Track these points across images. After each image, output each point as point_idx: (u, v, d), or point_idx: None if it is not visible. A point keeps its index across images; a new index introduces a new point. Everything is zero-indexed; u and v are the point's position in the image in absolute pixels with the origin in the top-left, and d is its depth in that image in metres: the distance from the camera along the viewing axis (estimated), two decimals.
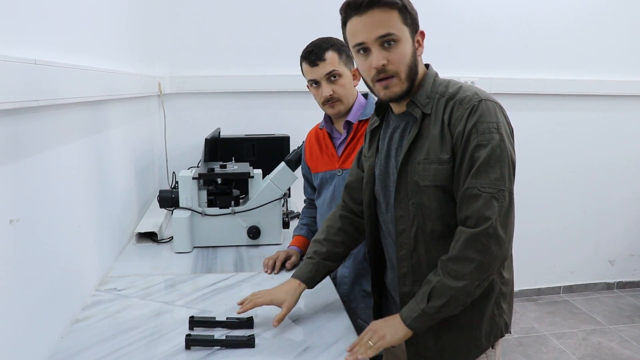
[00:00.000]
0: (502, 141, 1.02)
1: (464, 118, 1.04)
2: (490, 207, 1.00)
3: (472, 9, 3.01)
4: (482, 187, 1.01)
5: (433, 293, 1.04)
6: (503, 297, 1.15)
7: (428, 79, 1.13)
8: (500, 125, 1.04)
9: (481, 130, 1.02)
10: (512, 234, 1.03)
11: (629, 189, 3.42)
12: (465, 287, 1.02)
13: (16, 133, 0.96)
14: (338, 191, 1.57)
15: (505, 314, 1.16)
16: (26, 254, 0.99)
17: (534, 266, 3.39)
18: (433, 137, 1.08)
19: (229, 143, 2.42)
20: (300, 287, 1.27)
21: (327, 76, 1.51)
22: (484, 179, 1.01)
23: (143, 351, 1.09)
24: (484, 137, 1.02)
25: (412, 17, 1.08)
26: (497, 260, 1.02)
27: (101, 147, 1.55)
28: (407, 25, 1.06)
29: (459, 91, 1.08)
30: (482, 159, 1.01)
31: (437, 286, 1.04)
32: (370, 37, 1.05)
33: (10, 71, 0.88)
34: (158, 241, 1.87)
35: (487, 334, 1.14)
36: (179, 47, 2.73)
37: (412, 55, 1.08)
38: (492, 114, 1.04)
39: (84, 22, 1.44)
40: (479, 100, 1.05)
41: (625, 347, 2.78)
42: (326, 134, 1.63)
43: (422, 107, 1.10)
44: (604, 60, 3.21)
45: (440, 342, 1.14)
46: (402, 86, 1.08)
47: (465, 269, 1.01)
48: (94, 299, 1.37)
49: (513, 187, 1.03)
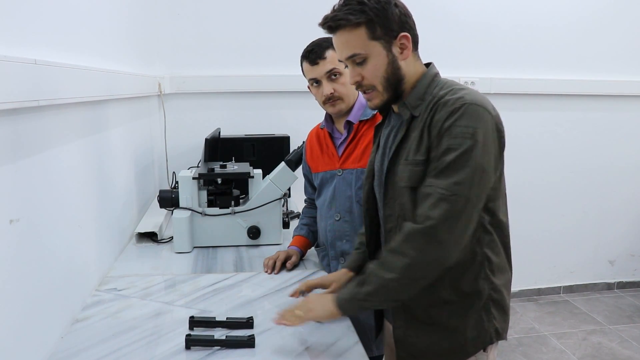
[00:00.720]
0: (473, 147, 0.99)
1: (441, 120, 1.02)
2: (436, 208, 0.98)
3: (472, 9, 3.01)
4: (437, 187, 1.00)
5: (365, 279, 1.05)
6: (494, 303, 1.11)
7: (423, 80, 1.11)
8: (478, 131, 0.99)
9: (454, 134, 1.00)
10: (459, 241, 1.00)
11: (629, 189, 3.42)
12: (394, 281, 1.01)
13: (16, 133, 0.96)
14: (338, 191, 1.57)
15: (497, 320, 1.12)
16: (26, 254, 0.99)
17: (534, 266, 3.39)
18: (413, 139, 1.08)
19: (229, 143, 2.42)
20: (347, 274, 1.31)
21: (328, 74, 1.51)
22: (442, 181, 1.00)
23: (143, 351, 1.09)
24: (455, 141, 0.99)
25: (386, 26, 1.06)
26: (432, 264, 1.00)
27: (101, 147, 1.55)
28: (376, 39, 1.06)
29: (447, 94, 1.06)
30: (447, 162, 0.99)
31: (370, 273, 1.05)
32: (341, 58, 1.12)
33: (10, 71, 0.88)
34: (158, 241, 1.87)
35: (474, 339, 1.11)
36: (179, 47, 2.73)
37: (389, 66, 1.08)
38: (473, 119, 1.00)
39: (84, 22, 1.44)
40: (463, 103, 1.01)
41: (625, 347, 2.78)
42: (327, 133, 1.63)
43: (412, 109, 1.10)
44: (604, 60, 3.21)
45: (425, 341, 1.14)
46: (382, 97, 1.11)
47: (397, 263, 1.01)
48: (94, 299, 1.37)
49: (476, 197, 0.99)
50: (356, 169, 1.53)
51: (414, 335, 1.15)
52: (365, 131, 1.55)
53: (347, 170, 1.55)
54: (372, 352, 1.55)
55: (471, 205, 0.99)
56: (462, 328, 1.11)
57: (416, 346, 1.15)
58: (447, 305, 1.11)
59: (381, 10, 1.05)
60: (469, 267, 1.08)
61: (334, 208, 1.58)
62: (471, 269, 1.08)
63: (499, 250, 1.12)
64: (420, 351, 1.15)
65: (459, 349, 1.13)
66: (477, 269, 1.09)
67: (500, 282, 1.12)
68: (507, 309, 1.16)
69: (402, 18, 1.08)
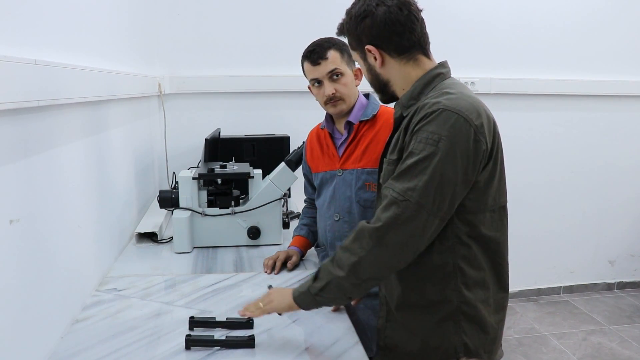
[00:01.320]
0: (434, 155, 0.97)
1: (413, 123, 1.04)
2: (387, 211, 0.99)
3: (472, 9, 3.01)
4: (392, 190, 1.00)
5: (319, 274, 1.07)
6: (466, 317, 1.08)
7: (420, 81, 1.11)
8: (444, 139, 0.97)
9: (419, 138, 1.00)
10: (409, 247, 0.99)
11: (629, 189, 3.42)
12: (343, 279, 1.02)
13: (16, 133, 0.96)
14: (338, 191, 1.57)
15: (468, 335, 1.08)
16: (26, 254, 0.99)
17: (534, 266, 3.39)
18: (394, 139, 1.12)
19: (229, 143, 2.41)
20: None
21: (329, 75, 1.51)
22: (398, 184, 1.00)
23: (143, 351, 1.09)
24: (418, 146, 1.00)
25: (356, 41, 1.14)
26: (379, 265, 1.00)
27: (101, 147, 1.55)
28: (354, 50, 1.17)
29: (434, 96, 1.05)
30: (407, 166, 1.00)
31: (322, 268, 1.07)
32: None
33: (10, 71, 0.88)
34: (158, 241, 1.86)
35: (436, 348, 1.10)
36: (179, 48, 2.73)
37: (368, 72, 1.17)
38: (442, 126, 0.98)
39: (84, 22, 1.44)
40: (438, 109, 1.00)
41: (625, 348, 2.78)
42: (327, 134, 1.63)
43: (403, 109, 1.13)
44: (604, 61, 3.20)
45: (397, 337, 1.16)
46: (378, 95, 1.22)
47: (346, 261, 1.02)
48: (94, 299, 1.37)
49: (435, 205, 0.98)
50: (356, 169, 1.53)
51: (389, 328, 1.17)
52: (366, 131, 1.55)
53: (347, 170, 1.55)
54: (372, 352, 1.55)
55: (425, 212, 0.98)
56: (425, 333, 1.11)
57: (390, 340, 1.18)
58: (414, 308, 1.12)
59: (352, 25, 1.14)
60: (436, 275, 1.07)
61: (334, 208, 1.58)
62: (439, 277, 1.07)
63: (480, 264, 1.08)
64: (393, 345, 1.17)
65: (422, 354, 1.12)
66: (446, 278, 1.07)
67: (476, 297, 1.08)
68: (487, 327, 1.10)
69: (374, 30, 1.10)
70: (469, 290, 1.08)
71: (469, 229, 1.06)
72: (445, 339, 1.09)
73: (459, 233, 1.05)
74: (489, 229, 1.08)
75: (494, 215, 1.09)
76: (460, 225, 1.05)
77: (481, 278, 1.09)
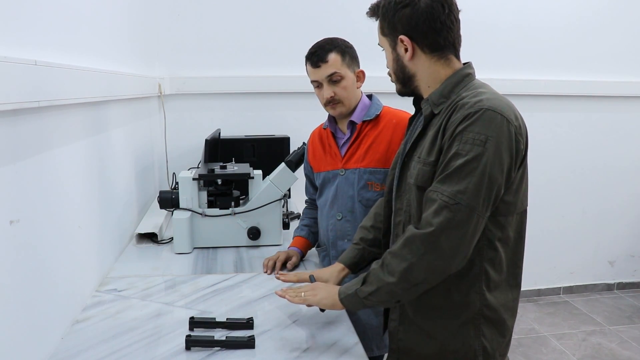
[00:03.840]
0: (482, 156, 0.96)
1: (455, 123, 1.00)
2: (438, 215, 0.97)
3: (472, 10, 3.00)
4: (441, 194, 0.98)
5: (368, 279, 1.07)
6: (487, 321, 1.07)
7: (451, 79, 1.10)
8: (491, 139, 0.96)
9: (465, 139, 0.98)
10: (462, 251, 0.98)
11: (629, 189, 3.42)
12: (393, 285, 1.02)
13: (17, 134, 0.96)
14: (340, 191, 1.57)
15: (487, 339, 1.08)
16: (26, 255, 0.99)
17: (534, 267, 3.38)
18: (428, 138, 1.08)
19: (229, 144, 2.42)
20: (343, 271, 1.31)
21: (329, 78, 1.52)
22: (446, 187, 0.98)
23: (143, 352, 1.09)
24: (465, 147, 0.97)
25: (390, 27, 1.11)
26: (431, 270, 0.99)
27: (101, 148, 1.55)
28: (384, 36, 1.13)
29: (469, 95, 1.04)
30: (454, 168, 0.97)
31: (372, 273, 1.07)
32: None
33: (10, 72, 0.89)
34: (158, 242, 1.87)
35: (456, 351, 1.09)
36: (179, 48, 2.73)
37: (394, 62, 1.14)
38: (488, 126, 0.97)
39: (84, 23, 1.44)
40: (481, 108, 0.98)
41: (625, 348, 2.78)
42: (330, 133, 1.63)
43: (433, 106, 1.09)
44: (603, 61, 3.21)
45: (413, 341, 1.14)
46: (396, 85, 1.17)
47: (397, 267, 1.01)
48: (94, 299, 1.37)
49: (483, 206, 0.97)
50: (359, 169, 1.54)
51: (403, 331, 1.16)
52: (369, 131, 1.55)
53: (350, 170, 1.55)
54: (372, 352, 1.55)
55: (476, 215, 0.97)
56: (445, 337, 1.10)
57: (403, 342, 1.16)
58: (436, 311, 1.10)
59: (389, 10, 1.08)
60: (463, 277, 1.05)
61: (336, 207, 1.58)
62: (466, 280, 1.06)
63: (502, 267, 1.08)
64: (406, 348, 1.16)
65: (439, 357, 1.11)
66: (471, 281, 1.06)
67: (497, 300, 1.08)
68: (505, 330, 1.10)
69: (413, 20, 1.06)
70: (491, 293, 1.07)
71: (499, 232, 1.05)
72: (465, 343, 1.08)
73: (489, 235, 1.04)
74: (514, 232, 1.08)
75: (519, 218, 1.09)
76: (492, 227, 1.04)
77: (501, 281, 1.09)
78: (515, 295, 1.13)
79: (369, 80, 1.62)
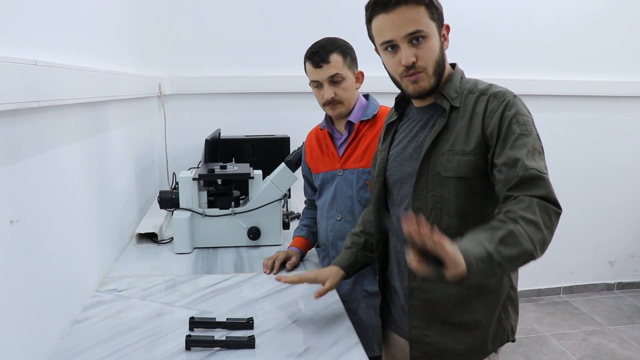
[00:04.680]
0: (536, 133, 1.05)
1: (499, 110, 1.05)
2: (544, 187, 1.00)
3: (472, 10, 3.02)
4: (541, 170, 1.00)
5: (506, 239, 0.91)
6: (511, 302, 1.16)
7: (456, 75, 1.15)
8: (532, 120, 1.07)
9: (522, 121, 1.04)
10: None
11: (629, 189, 3.42)
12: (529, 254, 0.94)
13: (16, 134, 0.96)
14: (339, 191, 1.57)
15: (512, 319, 1.16)
16: (26, 255, 0.99)
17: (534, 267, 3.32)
18: (460, 130, 1.08)
19: (229, 144, 2.42)
20: (340, 272, 1.31)
21: (330, 79, 1.51)
22: (540, 162, 1.01)
23: (143, 352, 1.09)
24: (526, 127, 1.03)
25: (439, 11, 1.09)
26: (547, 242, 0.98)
27: (101, 148, 1.55)
28: (434, 21, 1.07)
29: (490, 87, 1.10)
30: (529, 146, 1.01)
31: (512, 234, 0.91)
32: (399, 35, 1.05)
33: (10, 72, 0.89)
34: (158, 242, 1.87)
35: (494, 336, 1.14)
36: (179, 48, 2.74)
37: (440, 50, 1.10)
38: (526, 110, 1.07)
39: (84, 23, 1.44)
40: (514, 95, 1.08)
41: (625, 348, 2.78)
42: (327, 134, 1.63)
43: (451, 100, 1.11)
44: (603, 61, 3.21)
45: (444, 340, 1.14)
46: (430, 81, 1.09)
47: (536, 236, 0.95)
48: (94, 299, 1.37)
49: None
50: (357, 169, 1.54)
51: (432, 334, 1.15)
52: (366, 131, 1.55)
53: (348, 170, 1.55)
54: (373, 352, 1.55)
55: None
56: (486, 325, 1.13)
57: (433, 346, 1.15)
58: (474, 302, 1.12)
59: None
60: None
61: (335, 208, 1.58)
62: None
63: None
64: (438, 351, 1.15)
65: (479, 347, 1.14)
66: None
67: (514, 280, 1.16)
68: (517, 307, 1.19)
69: (442, 11, 1.11)
70: (512, 274, 1.14)
71: None
72: (501, 326, 1.14)
73: None
74: None
75: None
76: None
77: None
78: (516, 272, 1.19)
79: (368, 80, 1.63)
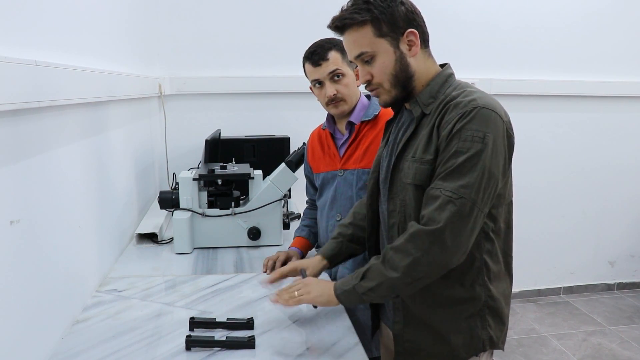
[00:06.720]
0: (482, 152, 0.99)
1: (452, 122, 1.02)
2: (443, 211, 0.98)
3: (473, 10, 3.02)
4: (444, 190, 1.00)
5: (367, 274, 1.06)
6: (490, 311, 1.12)
7: (437, 79, 1.12)
8: (489, 135, 1.00)
9: (464, 137, 1.00)
10: (463, 245, 1.00)
11: (629, 189, 3.42)
12: (396, 280, 1.02)
13: (17, 134, 0.96)
14: (339, 191, 1.57)
15: (492, 328, 1.12)
16: (26, 255, 0.99)
17: (534, 267, 3.39)
18: (422, 137, 1.08)
19: (229, 144, 2.42)
20: (322, 261, 1.33)
21: (331, 75, 1.52)
22: (449, 183, 1.00)
23: (143, 352, 1.09)
24: (465, 144, 1.00)
25: (391, 24, 1.06)
26: (435, 264, 1.00)
27: (101, 148, 1.55)
28: (382, 37, 1.07)
29: (460, 95, 1.06)
30: (455, 165, 1.00)
31: (372, 269, 1.06)
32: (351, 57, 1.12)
33: (10, 72, 0.89)
34: (158, 242, 1.87)
35: (465, 345, 1.12)
36: (179, 48, 2.74)
37: (397, 62, 1.08)
38: (484, 123, 1.00)
39: (84, 23, 1.44)
40: (475, 107, 1.01)
41: (625, 348, 2.78)
42: (328, 134, 1.63)
43: (423, 107, 1.10)
44: (604, 62, 3.21)
45: (420, 340, 1.15)
46: (390, 94, 1.12)
47: (400, 262, 1.01)
48: (94, 299, 1.37)
49: (483, 201, 1.00)
50: (357, 170, 1.54)
51: (410, 332, 1.16)
52: (367, 132, 1.55)
53: (349, 170, 1.55)
54: (371, 353, 1.55)
55: (477, 209, 1.00)
56: (453, 333, 1.12)
57: (411, 343, 1.17)
58: (441, 309, 1.12)
59: (386, 8, 1.06)
60: (467, 271, 1.08)
61: (335, 208, 1.58)
62: (469, 273, 1.09)
63: (498, 259, 1.12)
64: (415, 349, 1.16)
65: (448, 353, 1.13)
66: (475, 274, 1.09)
67: (497, 290, 1.12)
68: (505, 318, 1.15)
69: (409, 15, 1.08)
70: (492, 284, 1.11)
71: (492, 223, 1.08)
72: (474, 335, 1.12)
73: (486, 229, 1.07)
74: (504, 223, 1.11)
75: (507, 208, 1.12)
76: (487, 220, 1.06)
77: (499, 271, 1.13)
78: (510, 283, 1.18)
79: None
